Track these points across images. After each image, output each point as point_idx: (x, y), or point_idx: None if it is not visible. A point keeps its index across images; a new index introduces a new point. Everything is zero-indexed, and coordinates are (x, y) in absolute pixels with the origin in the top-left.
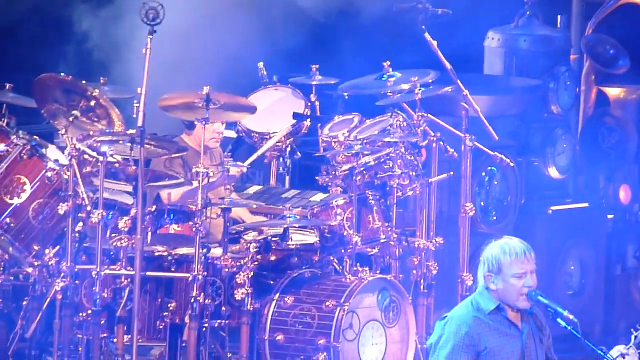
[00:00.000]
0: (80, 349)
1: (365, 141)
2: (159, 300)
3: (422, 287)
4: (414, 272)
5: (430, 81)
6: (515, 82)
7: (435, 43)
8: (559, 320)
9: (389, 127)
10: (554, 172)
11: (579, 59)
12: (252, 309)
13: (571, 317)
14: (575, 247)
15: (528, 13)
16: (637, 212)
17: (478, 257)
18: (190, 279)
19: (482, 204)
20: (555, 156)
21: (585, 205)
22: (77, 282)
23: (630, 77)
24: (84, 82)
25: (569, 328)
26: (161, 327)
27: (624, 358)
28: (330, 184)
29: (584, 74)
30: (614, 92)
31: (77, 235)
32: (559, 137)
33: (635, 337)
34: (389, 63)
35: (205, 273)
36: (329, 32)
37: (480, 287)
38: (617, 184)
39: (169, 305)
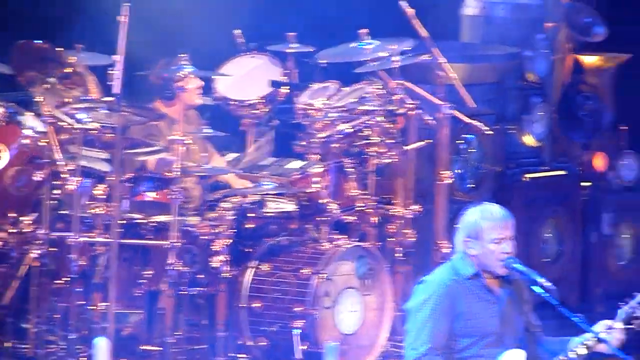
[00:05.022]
0: (57, 316)
1: (342, 109)
2: (136, 267)
3: (399, 254)
4: (391, 239)
5: (408, 49)
6: (492, 50)
7: (412, 11)
8: (535, 287)
9: (366, 95)
10: (529, 140)
11: (555, 26)
12: (229, 276)
13: (547, 284)
14: (551, 215)
15: None
16: (613, 179)
17: (455, 224)
18: (167, 246)
19: (459, 171)
20: (531, 124)
21: (561, 172)
22: (53, 249)
23: (606, 45)
24: (60, 48)
25: (545, 295)
26: (138, 294)
27: (609, 333)
28: (307, 151)
29: (560, 41)
30: (590, 60)
31: (54, 202)
32: (535, 104)
33: (624, 311)
34: (366, 31)
35: (183, 240)
36: (306, 0)
37: (458, 252)
38: (592, 152)
39: (146, 273)
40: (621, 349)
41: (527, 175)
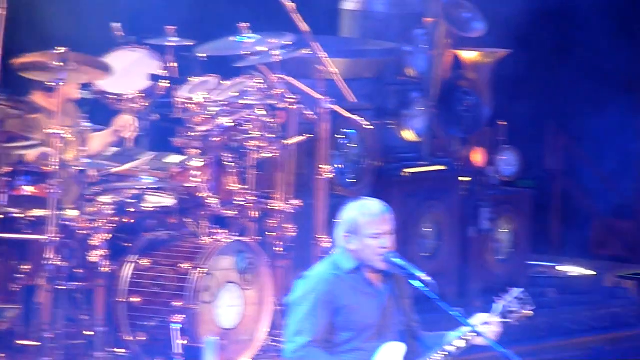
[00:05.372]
0: None
1: (222, 103)
2: (13, 262)
3: (279, 249)
4: (271, 234)
5: (288, 43)
6: (371, 45)
7: (292, 5)
8: (414, 281)
9: (246, 89)
10: (409, 135)
11: (435, 22)
12: (107, 271)
13: (426, 278)
14: (430, 210)
15: None
16: (491, 174)
17: (335, 219)
18: (44, 240)
19: (339, 166)
20: (411, 119)
21: (441, 167)
22: None
23: (485, 41)
24: None
25: (424, 289)
26: (15, 289)
27: (486, 326)
28: (186, 146)
29: (439, 37)
30: (468, 55)
31: None
32: (414, 100)
33: (500, 305)
34: (246, 25)
35: (61, 235)
36: None
37: (339, 247)
38: (471, 147)
39: (23, 268)
40: (498, 342)
41: (407, 170)
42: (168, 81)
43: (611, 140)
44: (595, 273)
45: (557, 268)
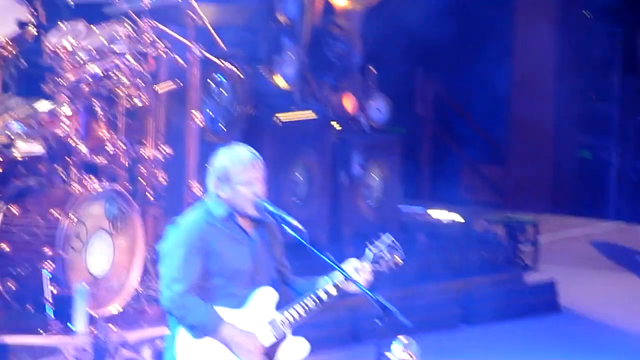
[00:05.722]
0: None
1: (91, 50)
2: None
3: (150, 196)
4: (142, 181)
5: None
6: None
7: None
8: (286, 228)
9: (116, 36)
10: (280, 82)
11: None
12: None
13: (298, 225)
14: (301, 156)
15: None
16: (362, 121)
17: (206, 166)
18: None
19: (210, 113)
20: (282, 65)
21: (312, 114)
22: None
23: None
24: None
25: (296, 236)
26: None
27: (357, 272)
28: (55, 93)
29: None
30: (339, 2)
31: None
32: (286, 46)
33: (371, 252)
34: None
35: None
36: None
37: (210, 194)
38: (342, 93)
39: None
40: (368, 288)
41: (278, 117)
42: (36, 27)
43: (480, 87)
44: (465, 218)
45: (428, 213)
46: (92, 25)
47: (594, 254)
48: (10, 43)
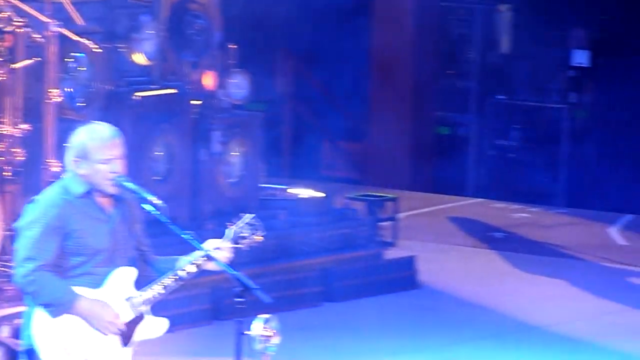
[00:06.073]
0: None
1: None
2: None
3: (8, 173)
4: (0, 158)
5: None
6: None
7: None
8: (145, 205)
9: None
10: (139, 58)
11: None
12: None
13: (158, 202)
14: (161, 133)
15: None
16: (222, 97)
17: (65, 143)
18: None
19: (69, 89)
20: (141, 42)
21: (172, 91)
22: None
23: None
24: None
25: (156, 213)
26: None
27: (218, 251)
28: None
29: None
30: None
31: None
32: (145, 23)
33: (232, 231)
34: None
35: None
36: None
37: (69, 171)
38: (202, 70)
39: None
40: (229, 266)
41: (137, 94)
42: None
43: (340, 64)
44: (325, 195)
45: (288, 190)
46: None
47: (453, 230)
48: None
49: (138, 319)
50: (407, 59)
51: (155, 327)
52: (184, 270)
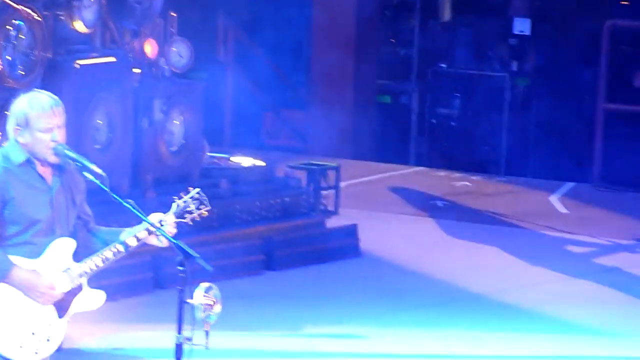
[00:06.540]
0: None
1: None
2: None
3: None
4: None
5: None
6: None
7: None
8: (86, 174)
9: None
10: (80, 26)
11: None
12: None
13: (99, 171)
14: (102, 102)
15: None
16: (163, 65)
17: (5, 111)
18: None
19: (9, 58)
20: (82, 10)
21: (112, 59)
22: None
23: None
24: None
25: (97, 182)
26: None
27: (162, 225)
28: None
29: None
30: None
31: None
32: None
33: (177, 205)
34: None
35: None
36: None
37: (10, 139)
38: (143, 38)
39: None
40: (173, 242)
41: (78, 62)
42: None
43: (282, 32)
44: (267, 164)
45: (230, 159)
46: None
47: (394, 199)
48: None
49: (75, 290)
50: (349, 27)
51: (92, 299)
52: (123, 244)
